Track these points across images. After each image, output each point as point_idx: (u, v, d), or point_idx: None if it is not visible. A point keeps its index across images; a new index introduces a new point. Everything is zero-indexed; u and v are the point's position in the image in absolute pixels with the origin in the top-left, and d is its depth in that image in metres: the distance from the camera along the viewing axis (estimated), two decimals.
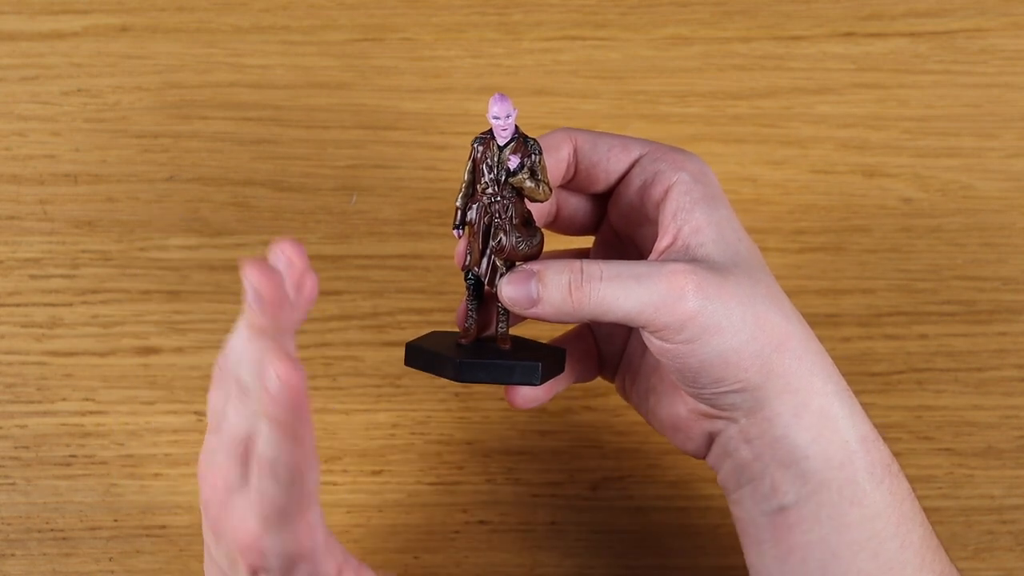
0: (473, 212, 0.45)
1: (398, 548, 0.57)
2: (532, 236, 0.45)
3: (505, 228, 0.44)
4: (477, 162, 0.45)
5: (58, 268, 0.59)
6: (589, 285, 0.43)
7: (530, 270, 0.44)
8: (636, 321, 0.42)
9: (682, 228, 0.44)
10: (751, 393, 0.43)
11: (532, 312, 0.44)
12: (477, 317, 0.47)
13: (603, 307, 0.42)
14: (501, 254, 0.44)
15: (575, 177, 0.48)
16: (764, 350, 0.43)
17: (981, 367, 0.60)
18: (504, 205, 0.44)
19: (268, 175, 0.60)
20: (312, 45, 0.62)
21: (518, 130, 0.44)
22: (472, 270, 0.46)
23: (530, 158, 0.44)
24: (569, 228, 0.50)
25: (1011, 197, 0.61)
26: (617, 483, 0.58)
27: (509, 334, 0.46)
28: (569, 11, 0.62)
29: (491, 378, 0.45)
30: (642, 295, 0.42)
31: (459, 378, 0.44)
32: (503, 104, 0.43)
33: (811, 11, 0.63)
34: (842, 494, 0.43)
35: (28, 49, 0.61)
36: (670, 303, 0.42)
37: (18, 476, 0.57)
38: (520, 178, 0.44)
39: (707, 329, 0.42)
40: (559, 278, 0.43)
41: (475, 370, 0.44)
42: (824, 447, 0.43)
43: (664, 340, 0.43)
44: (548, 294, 0.43)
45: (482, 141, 0.45)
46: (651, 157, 0.47)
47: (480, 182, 0.45)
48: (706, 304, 0.42)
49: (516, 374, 0.45)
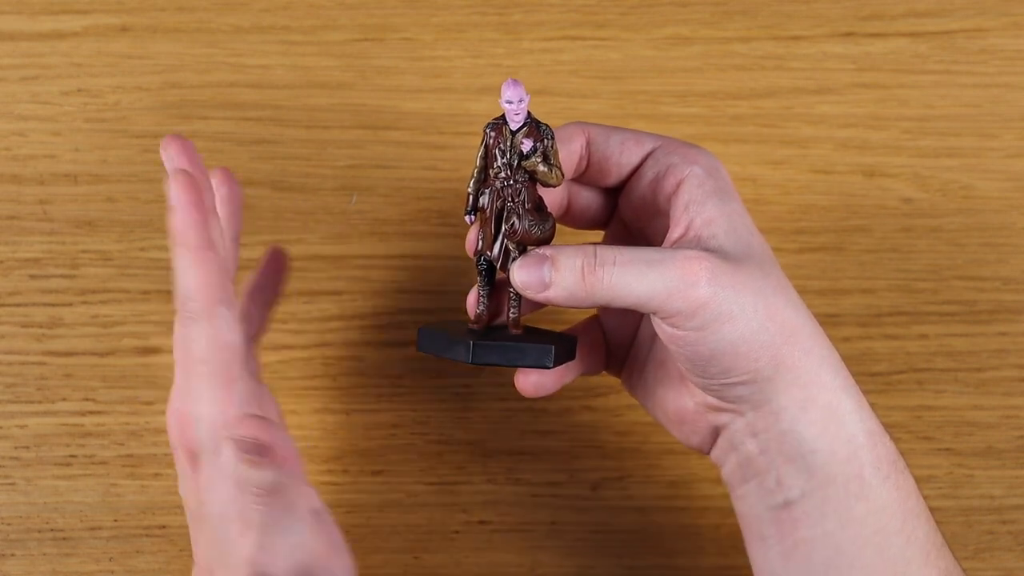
0: (485, 198, 0.45)
1: (398, 548, 0.57)
2: (544, 221, 0.45)
3: (518, 212, 0.44)
4: (489, 147, 0.45)
5: (58, 268, 0.59)
6: (602, 269, 0.42)
7: (543, 254, 0.44)
8: (648, 307, 0.42)
9: (694, 220, 0.44)
10: (759, 385, 0.43)
11: (544, 296, 0.43)
12: (488, 304, 0.47)
13: (615, 292, 0.42)
14: (514, 237, 0.44)
15: (587, 170, 0.48)
16: (775, 341, 0.43)
17: (981, 367, 0.60)
18: (517, 189, 0.44)
19: (268, 175, 0.60)
20: (312, 45, 0.62)
21: (530, 115, 0.44)
22: (484, 254, 0.45)
23: (543, 142, 0.44)
24: (580, 221, 0.50)
25: (1011, 197, 0.61)
26: (617, 483, 0.58)
27: (521, 321, 0.46)
28: (569, 11, 0.62)
29: (504, 360, 0.44)
30: (655, 280, 0.42)
31: (472, 360, 0.44)
32: (516, 88, 0.43)
33: (811, 11, 0.63)
34: (848, 489, 0.43)
35: (28, 49, 0.61)
36: (683, 289, 0.42)
37: (18, 476, 0.57)
38: (533, 161, 0.44)
39: (719, 316, 0.42)
40: (572, 261, 0.43)
41: (488, 352, 0.44)
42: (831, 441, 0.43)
43: (675, 327, 0.42)
44: (561, 278, 0.43)
45: (494, 126, 0.45)
46: (664, 151, 0.47)
47: (493, 167, 0.45)
48: (719, 291, 0.42)
49: (529, 356, 0.44)
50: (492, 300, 0.47)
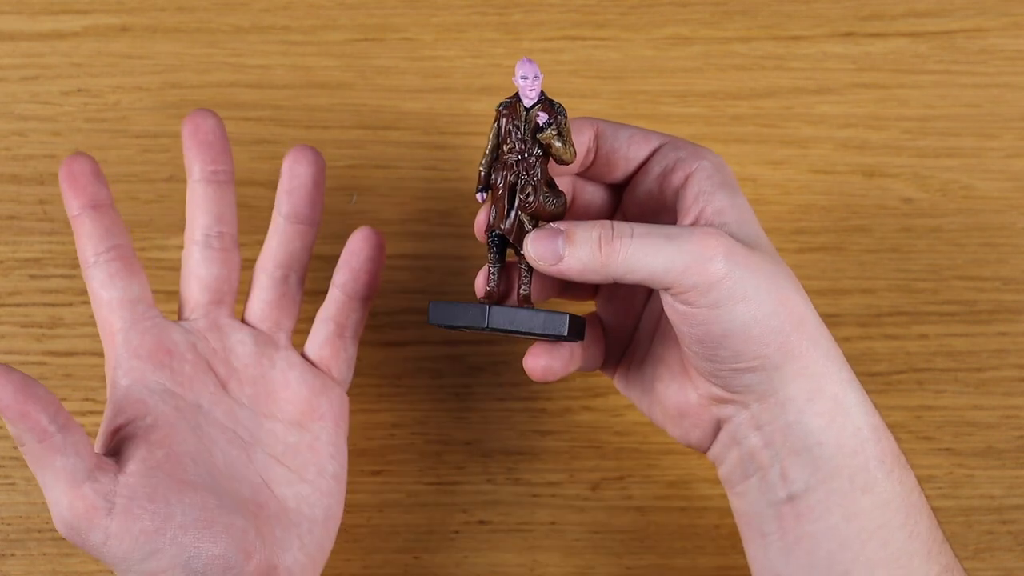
0: (497, 176, 0.45)
1: (398, 548, 0.57)
2: (558, 196, 0.45)
3: (533, 182, 0.44)
4: (502, 127, 0.45)
5: (58, 268, 0.59)
6: (619, 241, 0.42)
7: (556, 228, 0.44)
8: (664, 280, 0.42)
9: (705, 208, 0.45)
10: (767, 373, 0.43)
11: (557, 268, 0.43)
12: (499, 281, 0.47)
13: (631, 264, 0.42)
14: (528, 208, 0.44)
15: (593, 163, 0.48)
16: (784, 327, 0.43)
17: (981, 367, 0.60)
18: (531, 163, 0.44)
19: (268, 175, 0.60)
20: (312, 45, 0.62)
21: (543, 94, 0.44)
22: (497, 228, 0.45)
23: (556, 118, 0.44)
24: (583, 217, 0.50)
25: (1011, 197, 0.61)
26: (617, 483, 0.58)
27: (532, 299, 0.46)
28: (569, 11, 0.62)
29: (518, 325, 0.44)
30: (672, 254, 0.42)
31: (488, 324, 0.44)
32: (531, 65, 0.44)
33: (811, 11, 0.63)
34: (854, 482, 0.43)
35: (28, 49, 0.61)
36: (700, 263, 0.42)
37: (18, 476, 0.57)
38: (549, 133, 0.44)
39: (733, 295, 0.42)
40: (589, 233, 0.43)
41: (503, 316, 0.44)
42: (837, 434, 0.43)
43: (689, 303, 0.42)
44: (576, 249, 0.43)
45: (507, 105, 0.45)
46: (671, 147, 0.47)
47: (507, 142, 0.45)
48: (734, 269, 0.42)
49: (545, 323, 0.44)
50: (502, 277, 0.47)
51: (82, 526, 0.43)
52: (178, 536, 0.44)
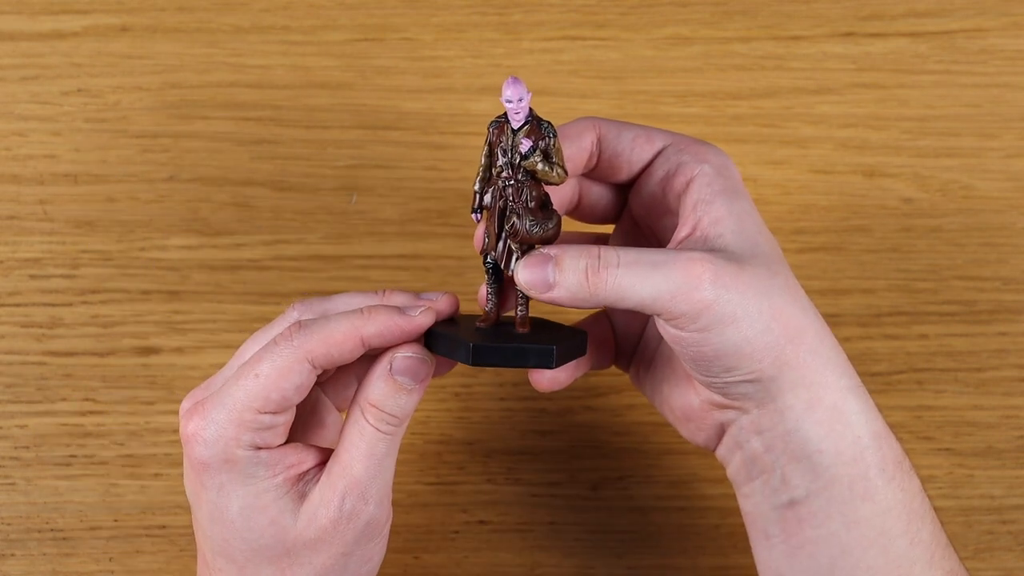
0: (490, 197, 0.45)
1: (398, 548, 0.57)
2: (547, 220, 0.44)
3: (519, 212, 0.44)
4: (493, 145, 0.45)
5: (58, 268, 0.59)
6: (606, 271, 0.42)
7: (547, 254, 0.44)
8: (652, 308, 0.42)
9: (702, 219, 0.44)
10: (764, 384, 0.43)
11: (547, 296, 0.43)
12: (497, 300, 0.47)
13: (619, 293, 0.42)
14: (515, 238, 0.44)
15: (598, 166, 0.48)
16: (779, 341, 0.43)
17: (981, 367, 0.60)
18: (518, 188, 0.44)
19: (268, 175, 0.60)
20: (312, 45, 0.62)
21: (532, 113, 0.44)
22: (489, 254, 0.45)
23: (544, 141, 0.44)
24: (590, 217, 0.50)
25: (1011, 197, 0.61)
26: (617, 483, 0.58)
27: (530, 317, 0.46)
28: (569, 11, 0.62)
29: (505, 362, 0.44)
30: (659, 282, 0.42)
31: (472, 362, 0.44)
32: (516, 87, 0.43)
33: (811, 11, 0.63)
34: (853, 490, 0.43)
35: (28, 49, 0.61)
36: (686, 291, 0.42)
37: (18, 476, 0.57)
38: (532, 161, 0.44)
39: (722, 319, 0.42)
40: (576, 263, 0.43)
41: (489, 354, 0.44)
42: (836, 442, 0.43)
43: (679, 328, 0.42)
44: (564, 279, 0.43)
45: (497, 124, 0.44)
46: (675, 148, 0.47)
47: (495, 165, 0.44)
48: (722, 293, 0.42)
49: (530, 358, 0.44)
50: (500, 298, 0.47)
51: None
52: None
